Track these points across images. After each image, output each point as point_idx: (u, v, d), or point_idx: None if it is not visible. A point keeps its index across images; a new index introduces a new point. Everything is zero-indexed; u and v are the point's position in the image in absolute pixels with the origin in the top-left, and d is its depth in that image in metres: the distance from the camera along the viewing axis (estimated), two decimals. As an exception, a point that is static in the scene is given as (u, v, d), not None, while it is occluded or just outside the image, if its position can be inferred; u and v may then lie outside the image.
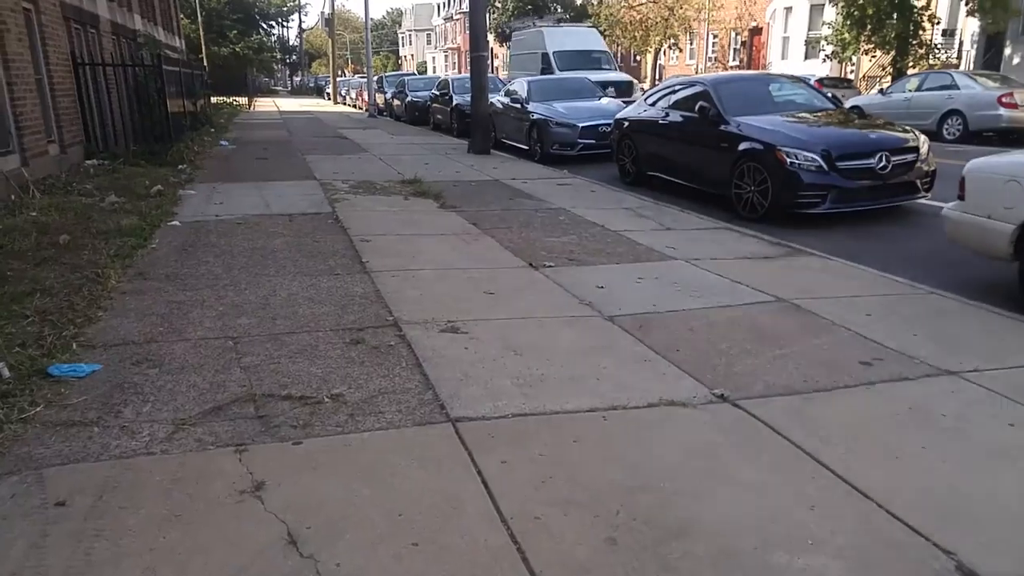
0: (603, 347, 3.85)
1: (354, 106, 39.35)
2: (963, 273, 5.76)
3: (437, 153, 14.23)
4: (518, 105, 14.38)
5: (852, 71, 24.09)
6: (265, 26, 54.00)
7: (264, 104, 39.41)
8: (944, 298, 4.94)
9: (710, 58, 35.28)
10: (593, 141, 12.88)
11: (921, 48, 19.56)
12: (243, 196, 8.56)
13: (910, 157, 7.47)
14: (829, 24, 21.29)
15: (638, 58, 40.91)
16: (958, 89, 15.37)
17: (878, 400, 3.32)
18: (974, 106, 14.85)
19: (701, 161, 8.78)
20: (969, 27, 21.58)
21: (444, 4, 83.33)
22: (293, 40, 67.83)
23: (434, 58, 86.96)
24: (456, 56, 77.23)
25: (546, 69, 20.65)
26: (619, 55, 42.60)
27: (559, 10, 39.85)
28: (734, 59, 33.70)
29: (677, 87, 9.97)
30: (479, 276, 5.25)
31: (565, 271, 5.56)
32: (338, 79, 47.73)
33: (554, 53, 21.33)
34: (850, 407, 3.24)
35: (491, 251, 6.20)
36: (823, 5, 26.22)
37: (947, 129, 15.30)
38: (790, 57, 27.43)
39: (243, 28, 46.88)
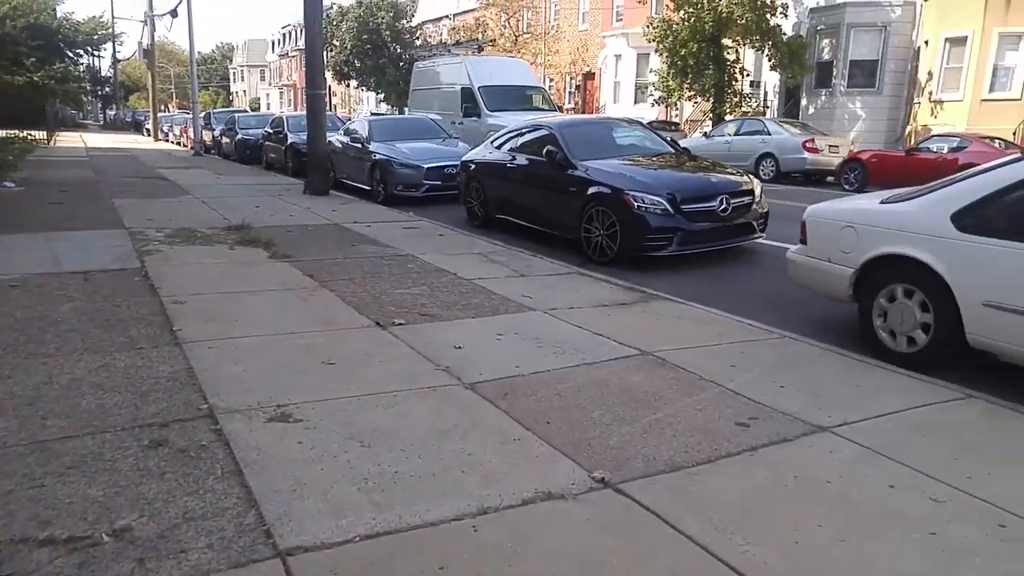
0: (466, 425, 3.34)
1: (178, 143, 36.63)
2: (808, 312, 5.89)
3: (270, 194, 13.21)
4: (359, 144, 13.75)
5: (677, 115, 25.71)
6: (72, 54, 49.16)
7: (68, 139, 35.61)
8: (798, 342, 4.94)
9: (546, 101, 36.49)
10: (439, 182, 12.52)
11: (735, 96, 21.22)
12: (25, 250, 7.23)
13: (747, 199, 7.72)
14: (655, 72, 22.59)
15: (477, 99, 41.61)
16: (770, 135, 16.72)
17: (763, 469, 3.06)
18: (784, 150, 16.18)
19: (550, 205, 8.63)
20: (771, 79, 23.79)
21: (279, 40, 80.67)
22: (107, 71, 62.40)
23: (268, 95, 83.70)
24: (292, 93, 74.82)
25: (470, 108, 17.19)
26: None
27: (398, 51, 39.64)
28: (570, 102, 35.06)
29: (523, 130, 9.84)
30: (316, 342, 4.57)
31: (417, 329, 5.01)
32: (160, 115, 44.33)
33: (480, 89, 17.31)
34: (737, 482, 2.95)
35: (331, 309, 5.53)
36: (648, 54, 28.00)
37: (763, 170, 16.52)
38: (621, 101, 28.88)
39: (43, 55, 42.28)
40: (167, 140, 40.78)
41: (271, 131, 19.65)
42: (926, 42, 18.78)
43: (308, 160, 13.46)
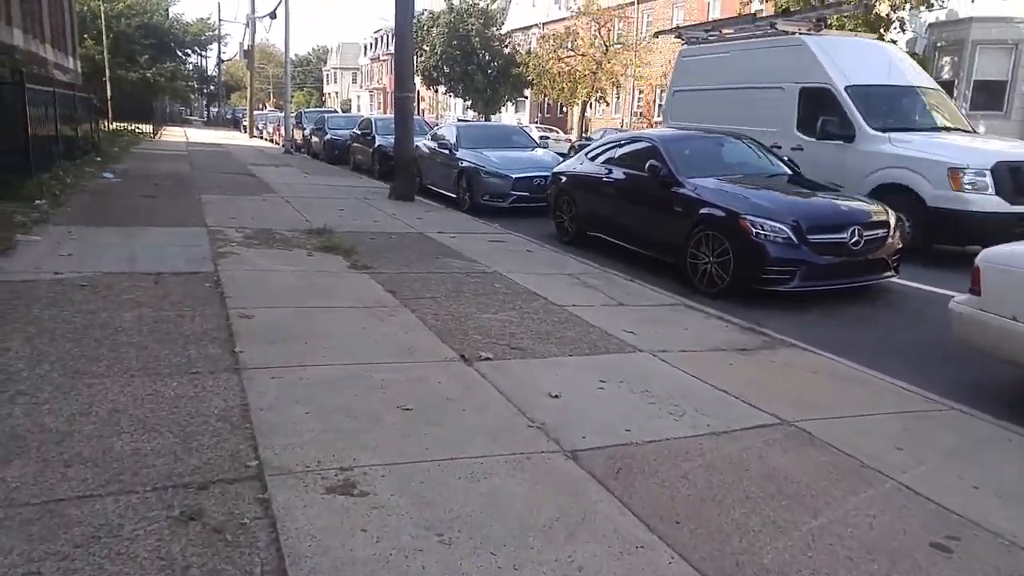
0: (573, 518, 2.62)
1: (270, 141, 37.52)
2: (963, 374, 4.92)
3: (355, 197, 12.89)
4: (446, 151, 13.28)
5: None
6: (181, 53, 51.49)
7: (172, 134, 36.97)
8: (972, 418, 3.99)
9: (635, 112, 35.51)
10: (527, 193, 11.89)
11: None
12: (104, 245, 6.97)
13: (881, 232, 6.71)
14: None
15: (564, 109, 40.95)
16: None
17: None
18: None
19: (651, 225, 7.83)
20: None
21: (371, 44, 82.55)
22: (212, 70, 65.16)
23: (359, 97, 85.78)
24: (382, 96, 76.28)
25: (832, 124, 9.48)
26: (546, 106, 42.68)
27: (487, 58, 39.47)
28: (659, 114, 33.95)
29: (622, 142, 9.08)
30: (392, 377, 3.95)
31: (507, 367, 4.33)
32: (256, 112, 45.72)
33: (850, 90, 9.62)
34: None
35: (411, 334, 4.91)
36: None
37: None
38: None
39: (155, 54, 44.37)
40: (261, 137, 41.93)
41: (359, 132, 19.54)
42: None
43: (395, 164, 13.08)
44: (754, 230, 6.47)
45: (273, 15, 27.20)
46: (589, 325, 5.42)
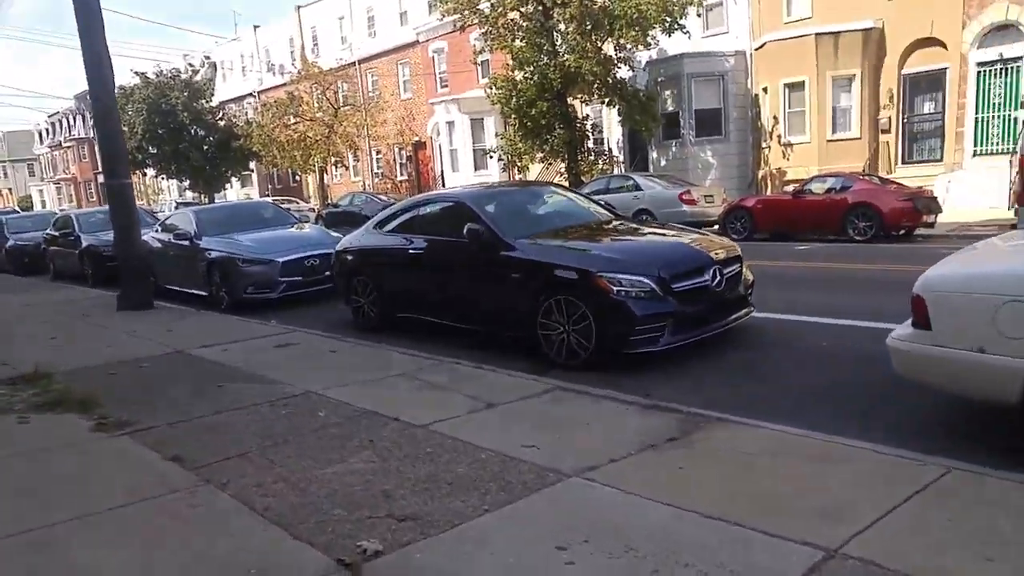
0: None
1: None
2: (902, 411, 4.45)
3: (70, 315, 10.03)
4: (185, 242, 10.99)
5: (520, 177, 24.82)
6: None
7: None
8: (984, 476, 3.36)
9: (377, 174, 34.62)
10: (299, 278, 10.15)
11: (589, 155, 20.67)
12: None
13: (736, 268, 6.28)
14: (501, 135, 21.62)
15: (298, 178, 38.72)
16: (641, 190, 16.03)
17: None
18: (659, 204, 15.51)
19: (481, 297, 6.70)
20: (614, 135, 23.76)
21: (48, 130, 72.03)
22: None
23: (42, 191, 74.10)
24: (72, 187, 66.72)
25: None
26: (275, 175, 40.10)
27: (200, 133, 35.92)
28: (402, 173, 33.46)
29: (420, 206, 7.89)
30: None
31: (416, 563, 2.84)
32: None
33: None
34: None
35: (240, 533, 3.16)
36: (482, 118, 27.25)
37: (639, 227, 15.72)
38: (461, 169, 27.73)
39: None
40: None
41: (56, 234, 15.91)
42: (764, 89, 19.38)
43: (120, 267, 10.44)
44: (613, 288, 5.63)
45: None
46: (476, 448, 4.07)
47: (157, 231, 12.10)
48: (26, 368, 6.45)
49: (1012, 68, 15.95)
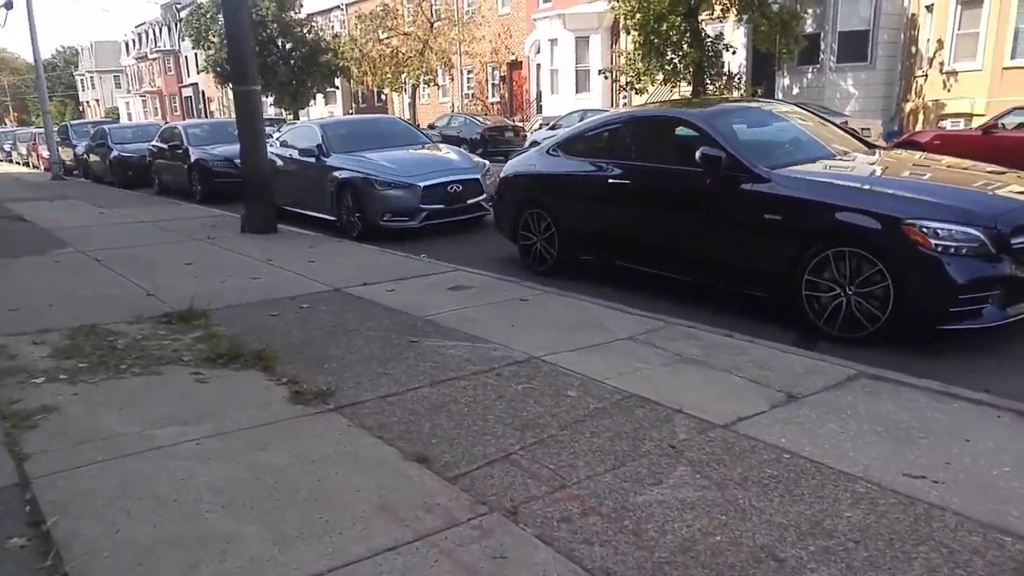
0: None
1: (26, 164, 30.64)
2: None
3: (194, 237, 9.22)
4: (311, 159, 9.93)
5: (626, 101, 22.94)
6: None
7: None
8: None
9: (467, 95, 33.01)
10: (442, 206, 9.06)
11: (719, 78, 18.66)
12: None
13: None
14: (621, 52, 19.75)
15: (383, 96, 37.41)
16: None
17: None
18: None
19: (717, 243, 5.39)
20: (737, 57, 21.48)
21: (134, 41, 72.27)
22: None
23: (128, 104, 75.01)
24: (157, 100, 67.19)
25: None
26: (360, 94, 38.89)
27: (288, 47, 34.77)
28: (493, 95, 31.79)
29: (623, 124, 6.56)
30: None
31: None
32: (-2, 131, 37.42)
33: None
34: None
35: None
36: (589, 36, 25.19)
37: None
38: (561, 91, 25.95)
39: None
40: (10, 160, 34.37)
41: (164, 146, 15.21)
42: (928, 7, 16.84)
43: (244, 184, 9.52)
44: (932, 241, 4.25)
45: (9, 4, 21.17)
46: (838, 475, 2.88)
47: (275, 146, 11.12)
48: (176, 303, 5.56)
49: None
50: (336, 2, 38.89)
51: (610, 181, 6.11)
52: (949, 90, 16.17)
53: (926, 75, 16.91)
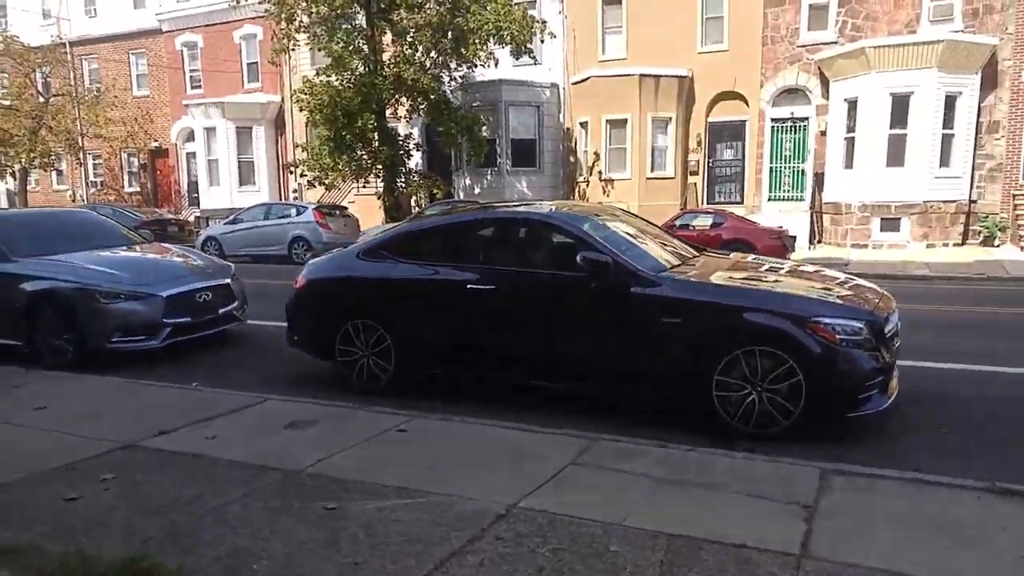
0: None
1: None
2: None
3: None
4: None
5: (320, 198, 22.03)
6: None
7: None
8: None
9: (95, 183, 28.27)
10: (190, 319, 7.30)
11: (413, 176, 18.98)
12: None
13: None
14: (304, 147, 18.96)
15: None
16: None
17: None
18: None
19: (610, 349, 5.13)
20: (413, 157, 22.30)
21: None
22: None
23: None
24: None
25: None
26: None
27: None
28: (132, 184, 27.78)
29: (472, 227, 6.02)
30: None
31: None
32: None
33: None
34: None
35: None
36: (251, 127, 23.95)
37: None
38: (222, 182, 23.88)
39: None
40: None
41: None
42: (583, 124, 19.59)
43: None
44: (837, 336, 4.63)
45: None
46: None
47: None
48: None
49: (800, 126, 18.32)
50: None
51: (469, 287, 5.50)
52: (608, 195, 18.93)
53: (587, 180, 19.59)
